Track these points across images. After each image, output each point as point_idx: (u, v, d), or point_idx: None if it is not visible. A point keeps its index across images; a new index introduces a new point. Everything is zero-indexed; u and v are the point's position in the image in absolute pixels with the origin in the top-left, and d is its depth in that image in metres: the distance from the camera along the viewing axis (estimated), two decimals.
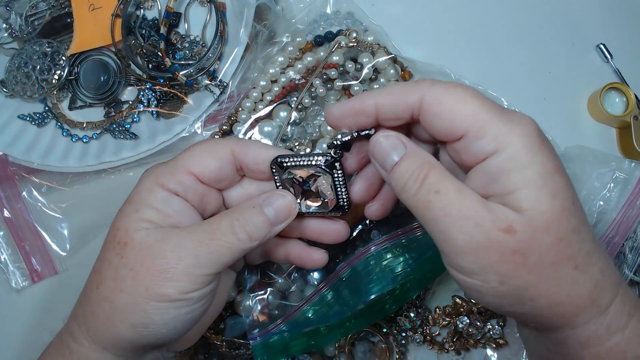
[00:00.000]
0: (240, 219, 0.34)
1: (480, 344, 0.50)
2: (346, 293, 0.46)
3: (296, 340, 0.46)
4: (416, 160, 0.31)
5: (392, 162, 0.32)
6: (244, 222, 0.34)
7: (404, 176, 0.31)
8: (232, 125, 0.52)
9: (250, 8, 0.52)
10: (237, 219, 0.34)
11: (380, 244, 0.46)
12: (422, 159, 0.31)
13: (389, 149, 0.32)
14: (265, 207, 0.35)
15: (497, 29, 0.59)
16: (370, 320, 0.47)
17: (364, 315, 0.46)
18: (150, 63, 0.55)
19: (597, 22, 0.59)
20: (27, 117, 0.55)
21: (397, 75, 0.51)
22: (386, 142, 0.32)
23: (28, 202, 0.54)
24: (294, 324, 0.46)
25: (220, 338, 0.48)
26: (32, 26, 0.57)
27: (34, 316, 0.54)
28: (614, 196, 0.50)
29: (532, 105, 0.56)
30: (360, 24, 0.56)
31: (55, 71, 0.54)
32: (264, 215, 0.34)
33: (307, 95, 0.51)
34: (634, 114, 0.54)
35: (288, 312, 0.47)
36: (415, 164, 0.31)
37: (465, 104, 0.30)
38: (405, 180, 0.31)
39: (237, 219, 0.34)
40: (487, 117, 0.29)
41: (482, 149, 0.29)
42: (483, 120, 0.29)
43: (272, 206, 0.35)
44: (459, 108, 0.30)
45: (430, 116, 0.31)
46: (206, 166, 0.35)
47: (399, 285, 0.45)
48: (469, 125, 0.29)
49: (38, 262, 0.54)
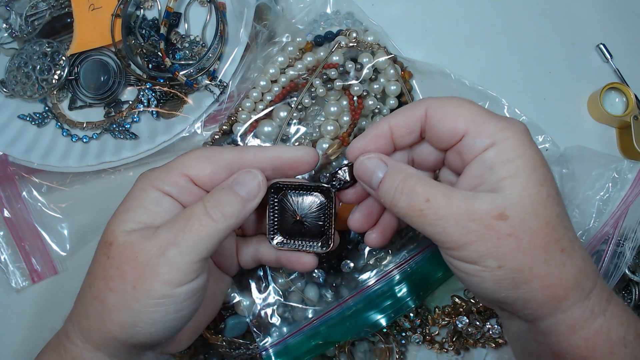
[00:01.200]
0: (212, 201, 0.35)
1: (479, 343, 0.50)
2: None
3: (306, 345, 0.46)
4: (399, 175, 0.34)
5: (378, 179, 0.35)
6: (215, 202, 0.35)
7: (390, 190, 0.34)
8: (232, 125, 0.52)
9: (250, 8, 0.52)
10: (209, 201, 0.35)
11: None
12: (404, 172, 0.34)
13: (373, 168, 0.35)
14: (235, 186, 0.36)
15: (497, 29, 0.59)
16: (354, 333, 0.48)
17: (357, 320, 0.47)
18: (150, 63, 0.55)
19: (597, 22, 0.59)
20: (27, 117, 0.55)
21: (397, 75, 0.51)
22: (369, 163, 0.36)
23: (28, 202, 0.54)
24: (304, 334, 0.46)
25: (220, 338, 0.48)
26: (32, 26, 0.57)
27: (34, 316, 0.54)
28: (613, 196, 0.50)
29: (532, 105, 0.56)
30: (360, 24, 0.56)
31: (55, 71, 0.54)
32: (234, 192, 0.35)
33: (307, 95, 0.51)
34: (634, 114, 0.54)
35: (297, 318, 0.47)
36: (398, 177, 0.34)
37: (464, 109, 0.34)
38: (392, 195, 0.34)
39: (209, 201, 0.35)
40: (483, 117, 0.33)
41: (481, 143, 0.33)
42: (480, 120, 0.33)
43: (241, 184, 0.36)
44: (459, 112, 0.34)
45: (435, 122, 0.35)
46: (201, 169, 0.36)
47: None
48: (469, 125, 0.33)
49: (38, 262, 0.54)
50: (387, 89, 0.51)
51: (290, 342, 0.46)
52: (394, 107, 0.52)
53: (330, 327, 0.46)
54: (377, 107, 0.51)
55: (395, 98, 0.52)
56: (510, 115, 0.52)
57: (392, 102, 0.52)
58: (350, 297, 0.47)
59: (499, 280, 0.31)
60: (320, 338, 0.46)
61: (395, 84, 0.51)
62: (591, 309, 0.32)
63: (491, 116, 0.33)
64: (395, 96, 0.52)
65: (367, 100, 0.51)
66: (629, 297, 0.51)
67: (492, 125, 0.33)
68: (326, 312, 0.47)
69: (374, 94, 0.52)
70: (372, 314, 0.47)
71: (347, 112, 0.52)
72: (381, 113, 0.52)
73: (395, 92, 0.51)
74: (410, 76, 0.54)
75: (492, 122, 0.33)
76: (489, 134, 0.32)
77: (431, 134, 0.35)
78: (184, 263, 0.33)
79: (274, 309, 0.48)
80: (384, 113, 0.52)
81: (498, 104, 0.52)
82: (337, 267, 0.48)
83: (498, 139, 0.32)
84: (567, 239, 0.32)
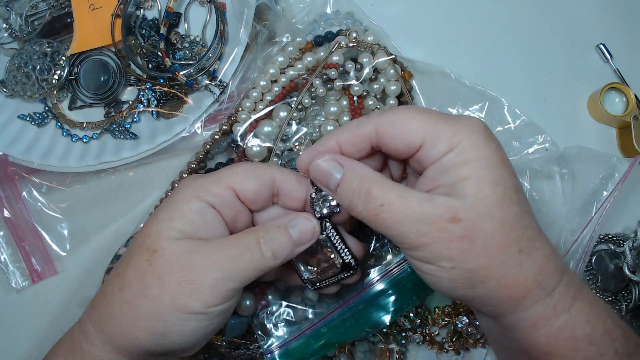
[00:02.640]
0: (267, 237, 0.35)
1: (479, 343, 0.50)
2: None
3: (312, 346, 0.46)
4: (355, 178, 0.34)
5: (335, 181, 0.35)
6: (269, 240, 0.35)
7: (348, 194, 0.34)
8: (232, 125, 0.52)
9: (250, 8, 0.52)
10: (264, 236, 0.35)
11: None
12: (361, 175, 0.34)
13: (329, 170, 0.35)
14: (290, 228, 0.36)
15: (497, 29, 0.59)
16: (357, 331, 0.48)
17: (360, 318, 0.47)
18: (150, 63, 0.55)
19: (597, 22, 0.59)
20: (27, 117, 0.55)
21: (397, 76, 0.51)
22: (325, 165, 0.35)
23: (28, 202, 0.54)
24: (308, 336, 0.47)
25: (220, 338, 0.48)
26: (32, 26, 0.57)
27: (34, 316, 0.54)
28: (613, 196, 0.50)
29: (532, 105, 0.56)
30: (360, 24, 0.56)
31: (55, 71, 0.54)
32: (288, 234, 0.36)
33: (307, 95, 0.51)
34: (634, 114, 0.54)
35: (297, 319, 0.47)
36: (355, 181, 0.34)
37: (414, 120, 0.33)
38: (350, 198, 0.34)
39: (264, 236, 0.35)
40: (437, 124, 0.33)
41: (438, 151, 0.32)
42: (434, 128, 0.33)
43: (296, 227, 0.36)
44: (410, 124, 0.33)
45: (387, 139, 0.34)
46: (247, 185, 0.37)
47: None
48: (423, 136, 0.33)
49: (38, 262, 0.54)
50: (387, 89, 0.51)
51: (294, 345, 0.46)
52: (394, 107, 0.52)
53: (333, 328, 0.46)
54: (377, 107, 0.51)
55: (395, 98, 0.52)
56: (510, 115, 0.52)
57: (392, 102, 0.52)
58: (351, 297, 0.47)
59: (454, 279, 0.32)
60: (324, 339, 0.46)
61: (395, 84, 0.51)
62: (553, 307, 0.32)
63: (444, 120, 0.33)
64: (395, 96, 0.52)
65: (367, 100, 0.51)
66: (629, 297, 0.51)
67: (446, 130, 0.32)
68: (329, 313, 0.47)
69: (374, 94, 0.52)
70: (375, 312, 0.47)
71: (347, 112, 0.52)
72: None
73: (395, 92, 0.51)
74: (410, 76, 0.54)
75: (446, 127, 0.32)
76: (445, 140, 0.32)
77: (386, 148, 0.35)
78: (225, 289, 0.34)
79: (275, 310, 0.47)
80: None
81: (498, 104, 0.52)
82: None
83: (454, 143, 0.32)
84: (526, 239, 0.32)
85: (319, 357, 0.47)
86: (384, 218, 0.32)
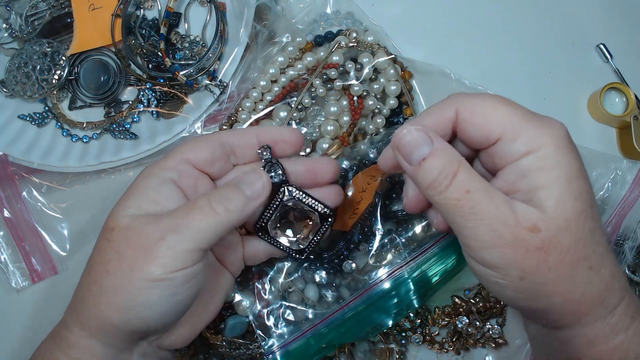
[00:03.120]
0: (216, 195, 0.35)
1: (479, 343, 0.50)
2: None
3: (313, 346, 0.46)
4: (445, 157, 0.31)
5: (420, 156, 0.32)
6: (219, 197, 0.35)
7: (433, 172, 0.31)
8: (232, 125, 0.52)
9: (250, 8, 0.52)
10: (213, 195, 0.35)
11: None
12: (452, 155, 0.31)
13: (418, 142, 0.32)
14: (240, 183, 0.37)
15: (497, 29, 0.59)
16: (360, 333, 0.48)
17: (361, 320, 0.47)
18: (150, 63, 0.55)
19: (597, 22, 0.59)
20: (27, 117, 0.55)
21: (397, 75, 0.51)
22: (415, 135, 0.32)
23: (28, 202, 0.54)
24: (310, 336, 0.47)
25: (220, 338, 0.48)
26: (32, 26, 0.57)
27: (34, 316, 0.54)
28: (613, 196, 0.50)
29: (532, 105, 0.55)
30: (360, 24, 0.56)
31: (55, 71, 0.54)
32: (239, 190, 0.36)
33: (307, 95, 0.51)
34: (634, 114, 0.54)
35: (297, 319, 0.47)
36: (444, 160, 0.31)
37: (499, 111, 0.32)
38: (434, 177, 0.31)
39: (213, 195, 0.35)
40: (520, 121, 0.31)
41: (516, 150, 0.31)
42: (516, 124, 0.31)
43: (246, 183, 0.37)
44: (493, 115, 0.32)
45: (466, 125, 0.32)
46: (198, 150, 0.38)
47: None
48: (504, 130, 0.31)
49: (38, 262, 0.54)
50: (387, 89, 0.51)
51: (295, 345, 0.46)
52: (393, 107, 0.52)
53: (333, 328, 0.46)
54: (377, 107, 0.52)
55: (395, 98, 0.52)
56: None
57: (392, 102, 0.52)
58: (353, 298, 0.47)
59: (520, 290, 0.31)
60: (325, 340, 0.46)
61: (395, 84, 0.51)
62: (612, 326, 0.31)
63: (529, 119, 0.31)
64: (395, 96, 0.52)
65: (367, 100, 0.51)
66: None
67: (529, 130, 0.31)
68: (330, 314, 0.47)
69: (374, 94, 0.52)
70: (376, 314, 0.47)
71: (347, 112, 0.52)
72: (381, 113, 0.52)
73: (395, 92, 0.51)
74: (410, 76, 0.54)
75: (529, 127, 0.31)
76: (526, 139, 0.31)
77: (462, 135, 0.33)
78: (182, 250, 0.33)
79: (275, 310, 0.47)
80: (384, 113, 0.52)
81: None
82: (339, 267, 0.48)
83: (535, 146, 0.30)
84: (597, 255, 0.31)
85: (319, 357, 0.47)
86: (463, 206, 0.30)
